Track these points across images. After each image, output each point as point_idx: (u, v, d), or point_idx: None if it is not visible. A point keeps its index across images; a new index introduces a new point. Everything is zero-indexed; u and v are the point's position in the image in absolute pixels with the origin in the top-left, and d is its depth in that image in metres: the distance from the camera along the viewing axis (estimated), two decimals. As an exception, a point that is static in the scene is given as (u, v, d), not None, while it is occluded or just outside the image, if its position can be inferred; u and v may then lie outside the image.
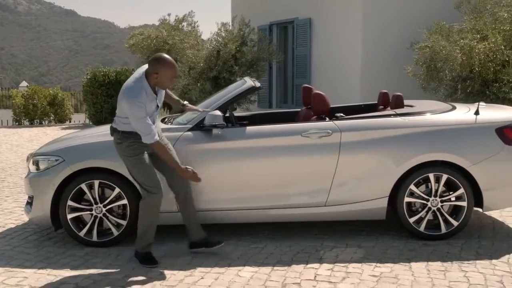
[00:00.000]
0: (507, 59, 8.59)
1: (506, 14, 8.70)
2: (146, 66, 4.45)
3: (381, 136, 4.93)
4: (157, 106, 4.45)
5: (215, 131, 4.91)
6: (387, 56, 10.92)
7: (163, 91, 4.57)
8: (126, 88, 4.31)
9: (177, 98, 5.05)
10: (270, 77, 13.95)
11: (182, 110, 5.13)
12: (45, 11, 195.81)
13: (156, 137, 4.30)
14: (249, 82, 5.27)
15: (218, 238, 4.80)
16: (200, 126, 4.93)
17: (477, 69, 8.78)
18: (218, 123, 4.82)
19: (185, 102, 4.98)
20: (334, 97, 4.72)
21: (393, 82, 10.55)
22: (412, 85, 10.06)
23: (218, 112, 4.86)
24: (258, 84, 5.27)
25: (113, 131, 4.52)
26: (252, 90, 5.22)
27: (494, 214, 5.83)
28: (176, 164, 4.41)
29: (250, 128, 5.03)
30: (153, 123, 4.38)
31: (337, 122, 5.02)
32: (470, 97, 9.02)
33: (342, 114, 5.36)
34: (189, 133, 4.94)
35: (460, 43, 8.80)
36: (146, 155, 4.45)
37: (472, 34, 8.97)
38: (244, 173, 4.92)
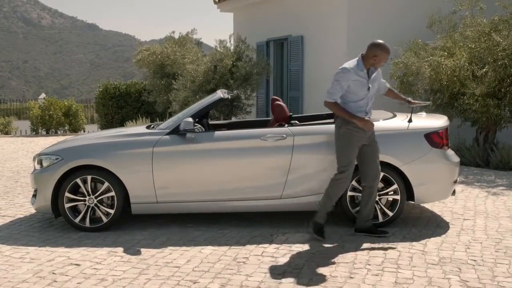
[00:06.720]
0: (470, 74, 9.43)
1: (470, 33, 9.56)
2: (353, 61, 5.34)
3: (327, 139, 5.82)
4: (369, 88, 5.32)
5: (188, 135, 5.85)
6: (370, 70, 11.76)
7: (378, 80, 5.48)
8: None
9: (403, 96, 5.95)
10: (267, 90, 14.91)
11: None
12: (67, 25, 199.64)
13: (332, 100, 5.22)
14: (219, 94, 6.23)
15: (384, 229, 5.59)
16: (176, 131, 5.89)
17: (445, 83, 9.63)
18: (190, 128, 5.78)
19: (409, 99, 5.88)
20: (322, 107, 5.42)
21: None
22: (393, 97, 10.89)
23: (190, 119, 5.81)
24: (226, 96, 6.23)
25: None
26: (220, 101, 6.17)
27: (436, 209, 6.68)
28: (352, 118, 5.24)
29: (218, 133, 5.98)
30: (367, 105, 5.33)
31: (291, 128, 5.94)
32: (440, 109, 9.86)
33: (296, 121, 6.29)
34: (167, 136, 5.89)
35: (429, 59, 9.67)
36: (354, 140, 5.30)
37: (442, 51, 9.84)
38: (212, 170, 5.85)
